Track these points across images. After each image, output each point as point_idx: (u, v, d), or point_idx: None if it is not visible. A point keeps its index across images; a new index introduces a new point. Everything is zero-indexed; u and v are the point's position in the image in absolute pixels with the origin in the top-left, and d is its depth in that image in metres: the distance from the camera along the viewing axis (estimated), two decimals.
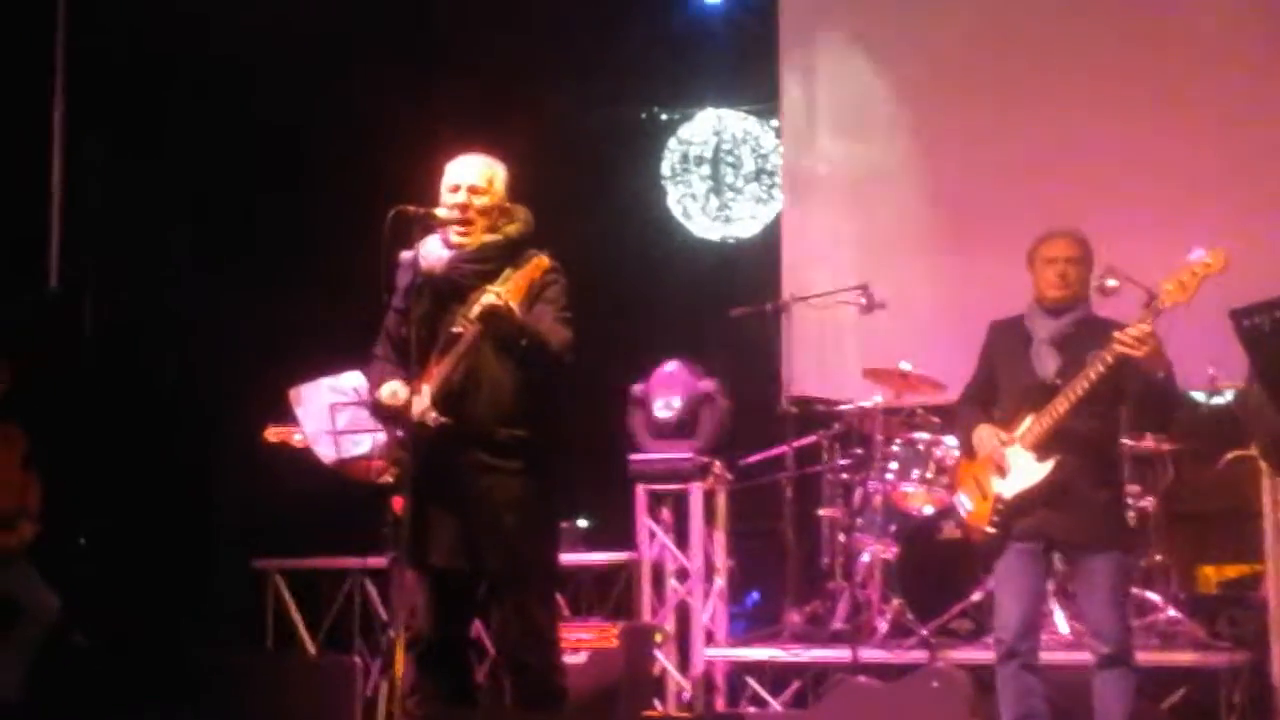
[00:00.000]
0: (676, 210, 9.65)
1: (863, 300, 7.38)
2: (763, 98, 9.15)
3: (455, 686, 5.05)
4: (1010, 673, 5.37)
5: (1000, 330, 5.60)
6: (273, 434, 6.95)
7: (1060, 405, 5.23)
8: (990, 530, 5.36)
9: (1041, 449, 5.28)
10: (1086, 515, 5.27)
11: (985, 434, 5.42)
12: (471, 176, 5.07)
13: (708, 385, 7.49)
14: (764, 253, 8.96)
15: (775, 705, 6.95)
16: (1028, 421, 5.31)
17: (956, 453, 6.93)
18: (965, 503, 5.52)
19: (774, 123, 9.19)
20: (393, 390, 4.89)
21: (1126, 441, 6.30)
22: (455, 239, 5.04)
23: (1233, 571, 7.21)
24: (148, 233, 8.45)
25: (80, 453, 7.94)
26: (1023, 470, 5.30)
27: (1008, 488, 5.33)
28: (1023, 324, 5.51)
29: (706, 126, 9.46)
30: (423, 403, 4.83)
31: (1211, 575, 7.36)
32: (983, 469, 5.43)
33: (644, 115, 9.43)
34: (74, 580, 7.56)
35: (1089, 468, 5.29)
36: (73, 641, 7.60)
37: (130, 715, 6.69)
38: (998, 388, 5.52)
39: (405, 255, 5.05)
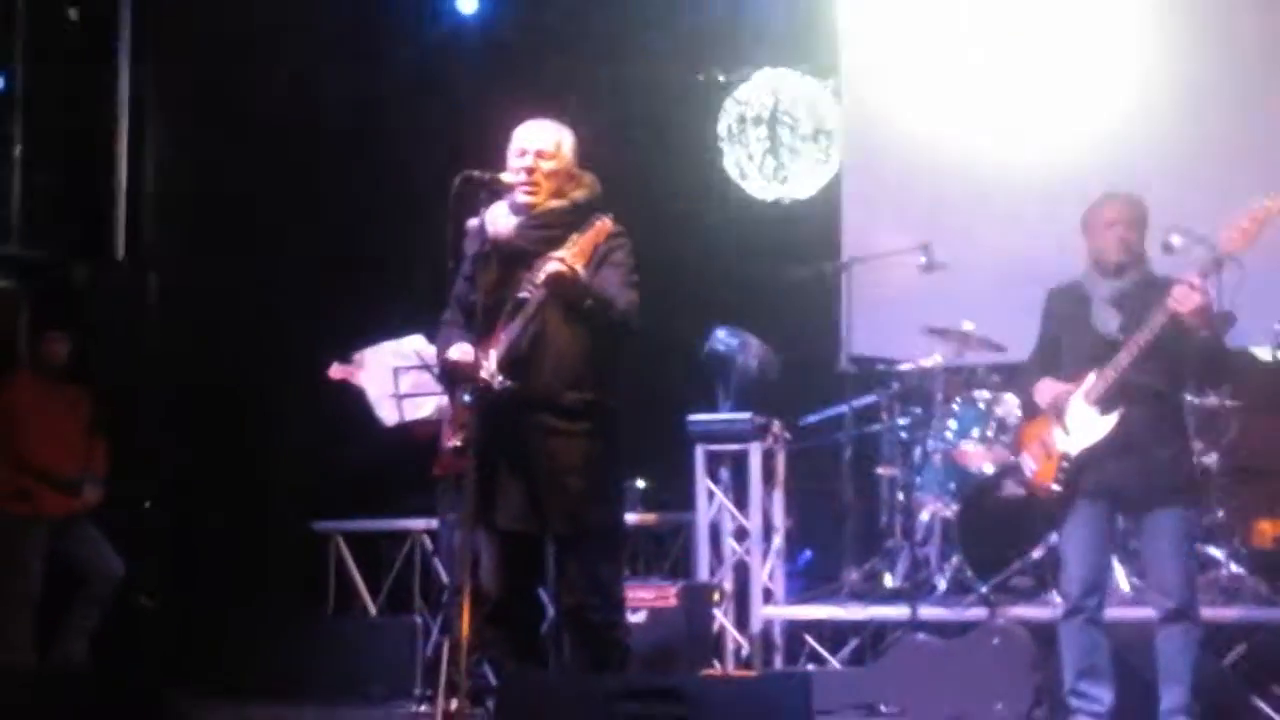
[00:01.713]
0: (733, 172, 9.62)
1: (923, 260, 7.37)
2: (821, 58, 9.11)
3: (522, 645, 5.08)
4: (1075, 628, 5.38)
5: (1059, 295, 5.59)
6: (337, 371, 7.01)
7: (1123, 359, 5.22)
8: (1056, 488, 5.37)
9: (1105, 404, 5.27)
10: (1151, 469, 5.27)
11: (1046, 386, 5.42)
12: (539, 141, 5.08)
13: (759, 347, 7.51)
14: (821, 214, 8.94)
15: (834, 663, 6.98)
16: (1091, 378, 5.30)
17: (1017, 411, 6.96)
18: (1030, 462, 5.52)
19: (831, 83, 9.14)
20: (461, 349, 4.93)
21: (1190, 398, 6.26)
22: (522, 202, 5.06)
23: None
24: (213, 204, 8.52)
25: (145, 419, 8.04)
26: (1087, 425, 5.30)
27: (1073, 444, 5.33)
28: (1081, 287, 5.50)
29: (764, 87, 9.42)
30: (489, 367, 4.86)
31: (1268, 530, 7.30)
32: (1045, 427, 5.42)
33: (701, 77, 9.39)
34: (139, 543, 7.65)
35: (1153, 422, 5.28)
36: (138, 604, 7.71)
37: (193, 678, 6.78)
38: (1060, 352, 5.51)
39: (472, 222, 5.07)
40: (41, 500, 7.13)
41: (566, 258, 4.83)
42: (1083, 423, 5.31)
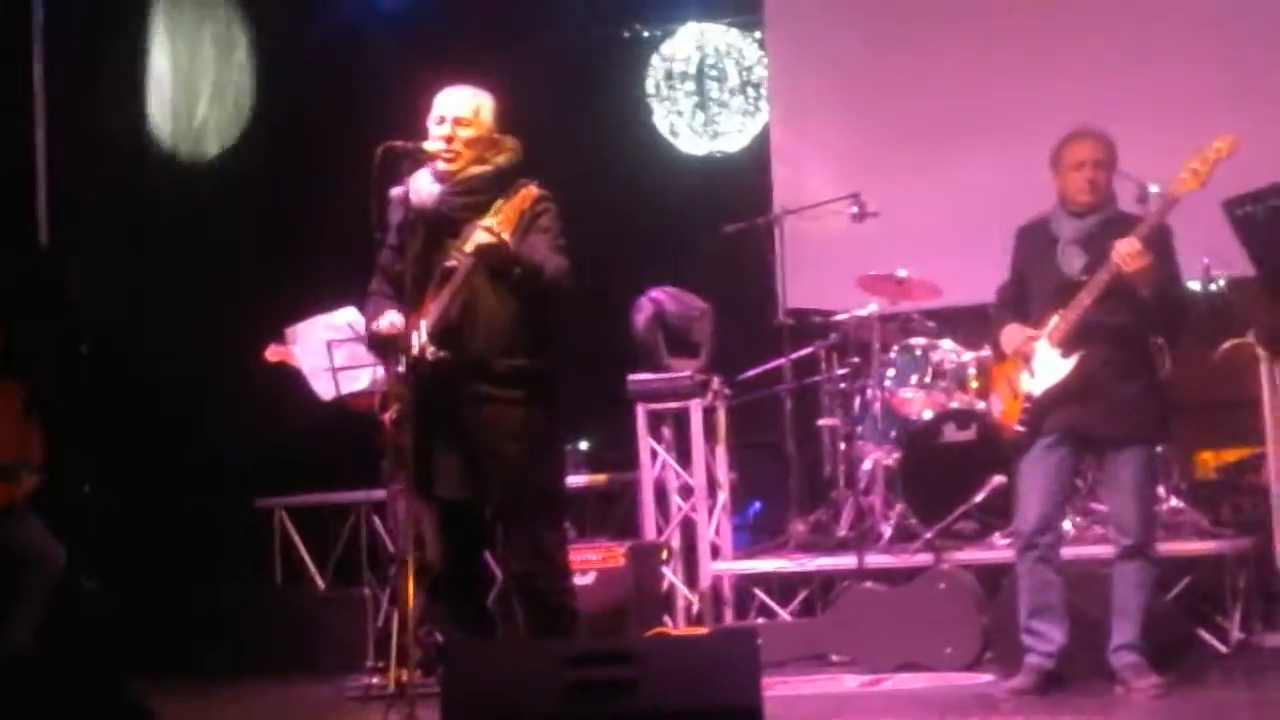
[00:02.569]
0: (663, 127, 9.59)
1: (854, 209, 7.38)
2: (745, 10, 9.08)
3: (468, 614, 5.09)
4: (1028, 566, 5.44)
5: (1026, 234, 5.60)
6: (272, 353, 6.97)
7: (1084, 299, 5.26)
8: (1020, 429, 5.41)
9: (1068, 344, 5.31)
10: (1114, 408, 5.32)
11: (1012, 332, 5.46)
12: (456, 108, 5.04)
13: (697, 304, 7.51)
14: (753, 166, 8.93)
15: (784, 615, 7.01)
16: (1054, 319, 5.33)
17: (954, 356, 7.01)
18: (996, 404, 5.57)
19: (757, 35, 9.11)
20: (390, 320, 4.90)
21: None
22: (444, 170, 5.02)
23: (1231, 456, 7.24)
24: (137, 187, 8.41)
25: (79, 403, 7.94)
26: (1050, 366, 5.34)
27: (1037, 385, 5.37)
28: (1048, 225, 5.52)
29: (689, 42, 9.38)
30: (420, 337, 4.83)
31: (1210, 460, 7.39)
32: (1013, 369, 5.46)
33: (626, 34, 9.34)
34: (80, 528, 7.57)
35: (1116, 361, 5.33)
36: (81, 587, 7.63)
37: (142, 659, 6.73)
38: (1028, 292, 5.52)
39: (396, 191, 5.05)
40: None
41: (493, 225, 4.79)
42: (1046, 364, 5.35)
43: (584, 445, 7.74)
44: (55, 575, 7.17)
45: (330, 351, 6.76)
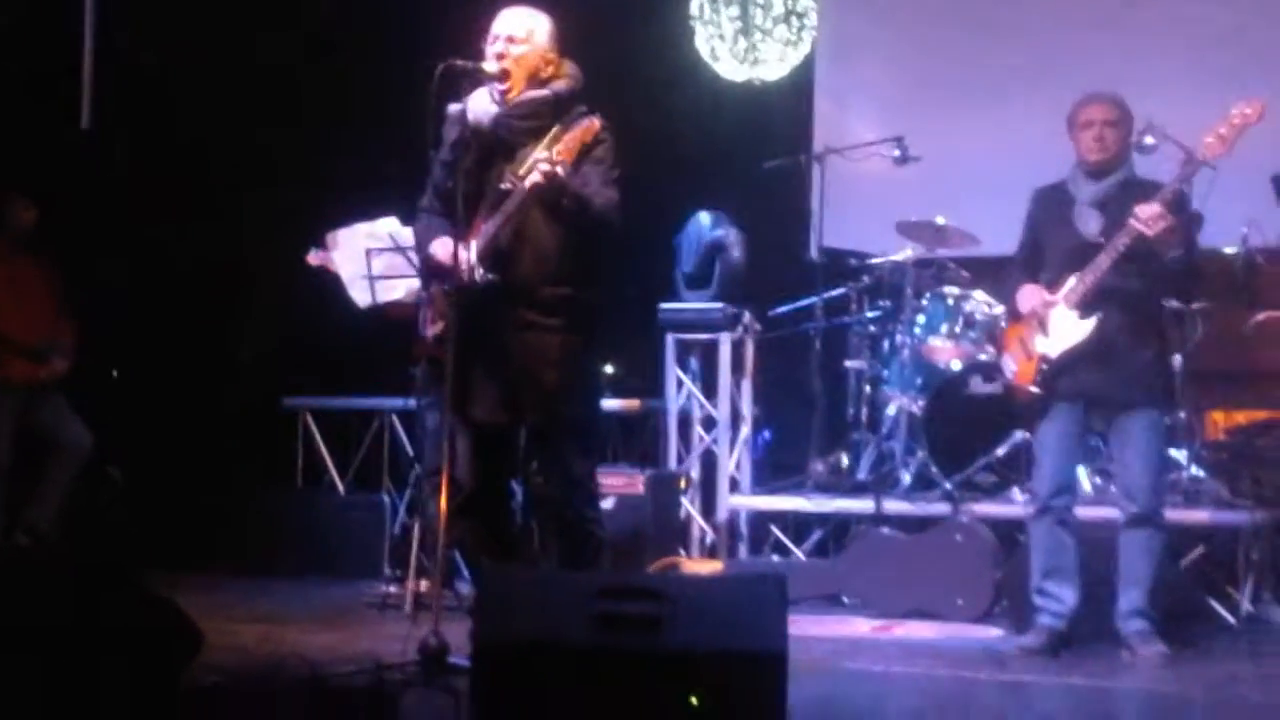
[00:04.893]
0: (704, 51, 9.52)
1: (897, 153, 7.37)
2: None
3: (495, 536, 5.13)
4: (1043, 528, 5.50)
5: (1043, 195, 5.63)
6: (314, 257, 6.99)
7: (1102, 262, 5.28)
8: (1035, 389, 5.45)
9: (1084, 307, 5.34)
10: (1128, 373, 5.35)
11: (1028, 292, 5.48)
12: (509, 27, 5.03)
13: (730, 235, 7.52)
14: (792, 98, 8.88)
15: (798, 553, 7.08)
16: (1071, 281, 5.35)
17: (986, 308, 7.02)
18: (1010, 363, 5.60)
19: None
20: (444, 245, 4.91)
21: None
22: (501, 91, 5.02)
23: (1241, 417, 7.28)
24: (184, 77, 8.38)
25: (113, 290, 7.98)
26: (1066, 328, 5.37)
27: (1052, 346, 5.40)
28: (1065, 188, 5.54)
29: None
30: (469, 259, 4.86)
31: (1219, 421, 7.42)
32: (1027, 329, 5.48)
33: None
34: (107, 416, 7.63)
35: (1132, 325, 5.36)
36: (106, 475, 7.71)
37: (161, 553, 6.81)
38: (1042, 253, 5.55)
39: (453, 108, 5.04)
40: (9, 369, 7.10)
41: (553, 155, 4.80)
42: (1062, 326, 5.38)
43: (609, 369, 7.78)
44: (81, 458, 7.26)
45: (369, 259, 6.78)
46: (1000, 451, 6.69)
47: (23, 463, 7.14)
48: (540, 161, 4.78)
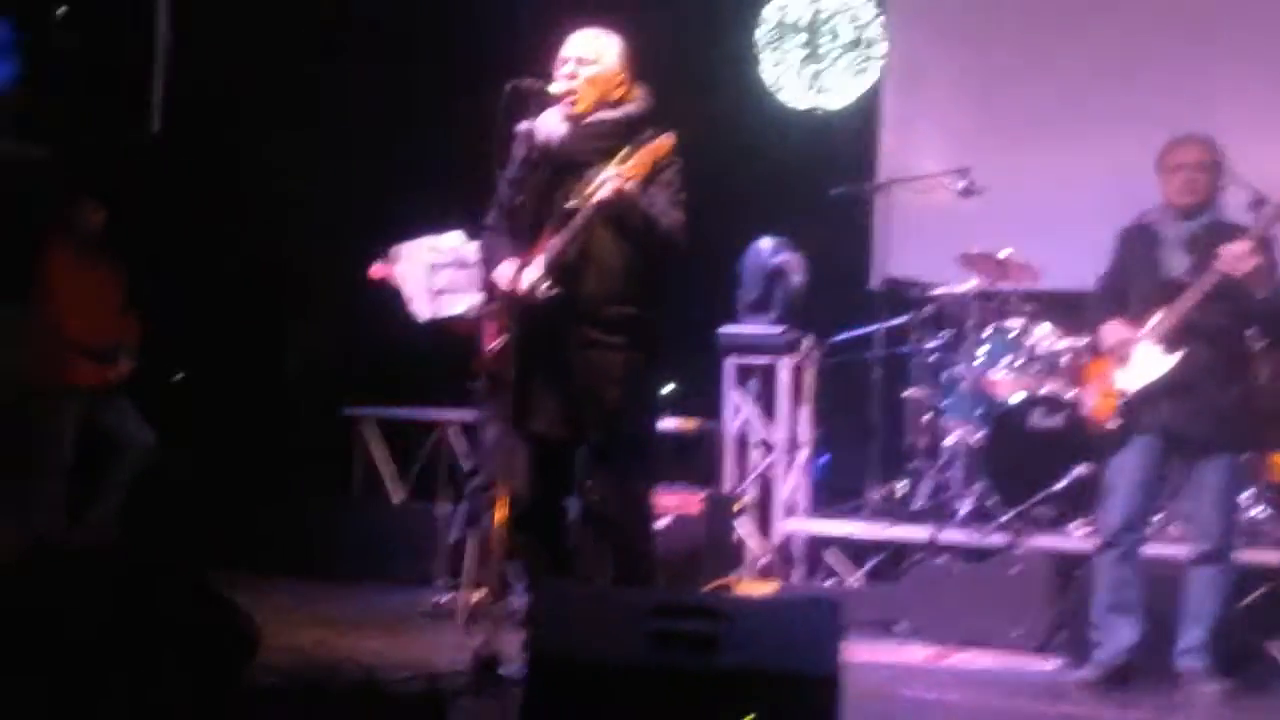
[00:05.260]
0: (769, 79, 9.55)
1: (962, 184, 7.35)
2: None
3: (550, 551, 5.15)
4: (1109, 561, 5.47)
5: (1130, 234, 5.62)
6: (377, 270, 7.04)
7: (1188, 299, 5.27)
8: (1111, 426, 5.42)
9: (1170, 342, 5.32)
10: (1210, 412, 5.33)
11: (1113, 328, 5.47)
12: (579, 50, 5.08)
13: (793, 261, 7.53)
14: (857, 126, 8.88)
15: (852, 579, 7.07)
16: (1158, 316, 5.34)
17: (1048, 342, 6.99)
18: (1088, 399, 5.57)
19: None
20: (504, 273, 4.95)
21: None
22: (568, 111, 5.05)
23: None
24: (254, 85, 8.47)
25: (178, 294, 8.06)
26: (1150, 362, 5.36)
27: (1133, 380, 5.38)
28: (1152, 227, 5.53)
29: None
30: (534, 274, 4.89)
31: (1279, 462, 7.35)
32: (1109, 365, 5.47)
33: None
34: (169, 416, 7.71)
35: (1215, 364, 5.34)
36: (168, 474, 7.76)
37: (218, 555, 6.86)
38: (1126, 291, 5.53)
39: (523, 126, 5.08)
40: (75, 370, 7.19)
41: (623, 173, 4.83)
42: (1146, 360, 5.36)
43: (669, 389, 7.78)
44: (143, 459, 7.33)
45: (432, 274, 6.83)
46: (1061, 485, 6.65)
47: (85, 461, 7.21)
48: (609, 178, 4.81)
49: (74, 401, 7.18)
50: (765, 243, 7.62)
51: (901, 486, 7.31)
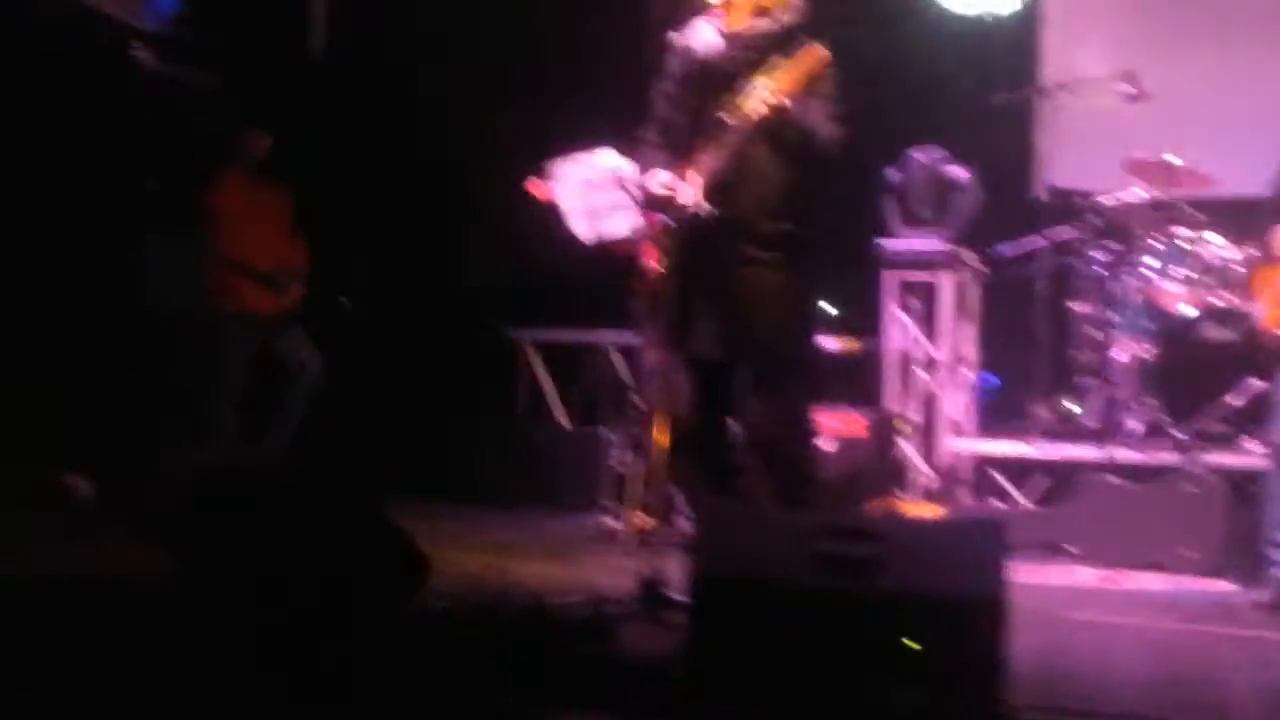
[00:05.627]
0: None
1: (1128, 89, 7.14)
2: None
3: (713, 473, 5.15)
4: None
5: None
6: (534, 187, 7.05)
7: None
8: None
9: None
10: None
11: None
12: None
13: (957, 173, 7.38)
14: (1018, 31, 8.64)
15: (1021, 500, 6.97)
16: None
17: (1222, 252, 6.78)
18: (1260, 308, 5.43)
19: None
20: (663, 181, 4.92)
21: None
22: (725, 22, 4.99)
23: None
24: (408, 8, 8.51)
25: (343, 218, 8.17)
26: None
27: None
28: None
29: None
30: (691, 191, 4.86)
31: None
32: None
33: None
34: (336, 341, 7.83)
35: None
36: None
37: (389, 475, 6.98)
38: None
39: (676, 39, 5.03)
40: (247, 296, 7.32)
41: (776, 85, 4.76)
42: None
43: (829, 309, 7.72)
44: (314, 384, 7.46)
45: (589, 192, 6.82)
46: (1234, 400, 6.48)
47: (259, 387, 7.36)
48: (763, 91, 4.74)
49: (247, 328, 7.31)
50: (927, 153, 7.47)
51: (1069, 404, 7.16)
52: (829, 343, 7.35)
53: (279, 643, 3.93)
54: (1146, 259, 6.96)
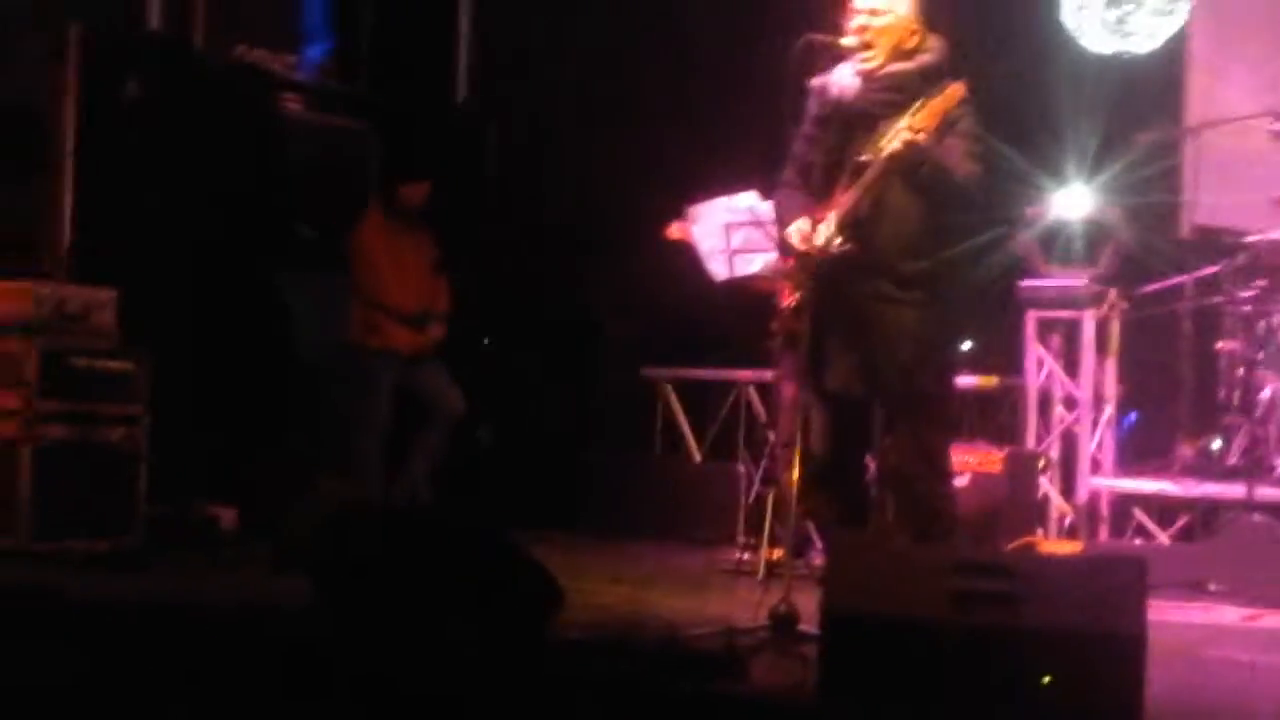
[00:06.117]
0: (1070, 23, 9.27)
1: (1277, 126, 7.03)
2: None
3: (847, 508, 5.15)
4: None
5: None
6: (675, 230, 7.13)
7: None
8: None
9: None
10: None
11: None
12: (870, 0, 5.02)
13: (1104, 212, 7.32)
14: (1163, 69, 8.55)
15: (1162, 538, 6.87)
16: None
17: None
18: None
19: None
20: (799, 230, 4.96)
21: None
22: (861, 64, 5.02)
23: None
24: (554, 54, 8.65)
25: (483, 260, 8.31)
26: None
27: None
28: None
29: None
30: (828, 230, 4.89)
31: None
32: None
33: None
34: (478, 380, 7.96)
35: None
36: (477, 438, 8.05)
37: (522, 511, 7.07)
38: None
39: (816, 82, 5.07)
40: (391, 335, 7.46)
41: (913, 123, 4.78)
42: None
43: (967, 346, 7.67)
44: (454, 422, 7.56)
45: (728, 234, 6.89)
46: None
47: (400, 424, 7.50)
48: (901, 130, 4.76)
49: (390, 365, 7.45)
50: (1074, 192, 7.41)
51: (1213, 442, 7.04)
52: (967, 379, 7.31)
53: (417, 673, 4.01)
54: None
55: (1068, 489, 7.14)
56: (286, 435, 7.58)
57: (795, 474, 4.92)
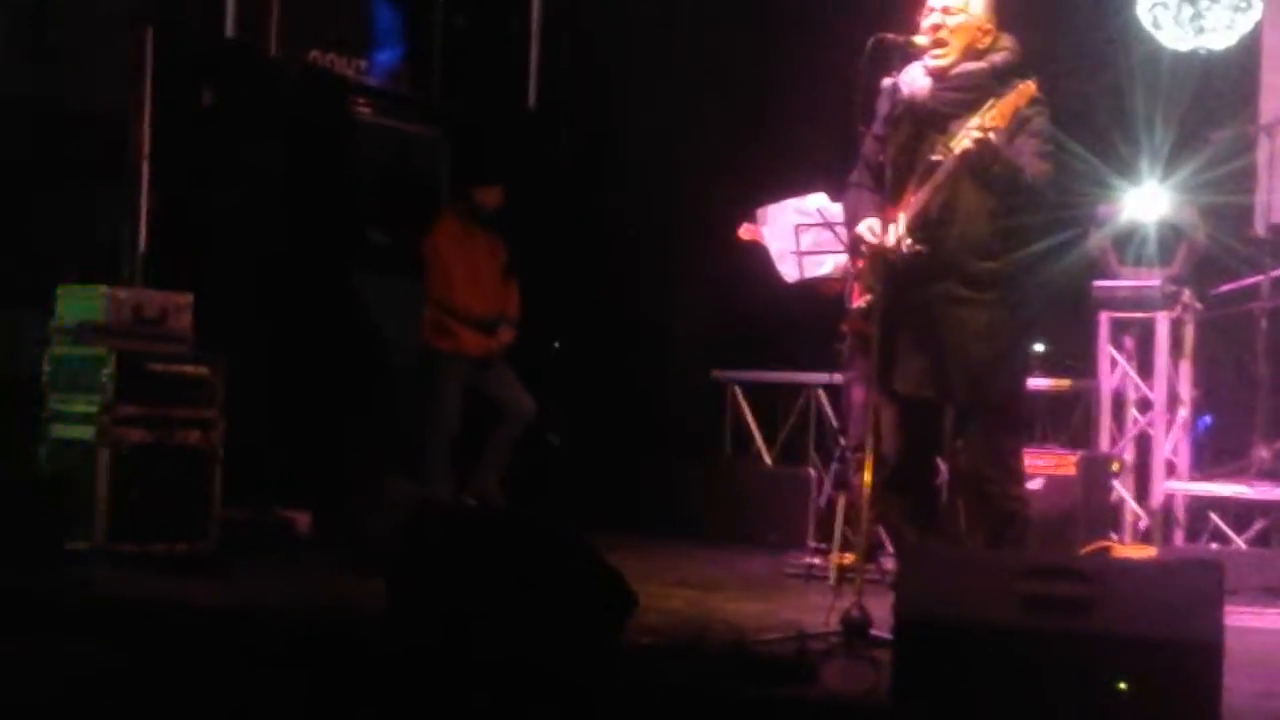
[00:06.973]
0: (1146, 20, 9.18)
1: None
2: None
3: (918, 512, 5.13)
4: None
5: None
6: (745, 231, 7.12)
7: None
8: None
9: None
10: None
11: None
12: None
13: (1180, 212, 7.24)
14: (1238, 68, 8.45)
15: (1239, 542, 6.79)
16: None
17: None
18: None
19: None
20: (870, 227, 4.94)
21: None
22: (933, 63, 5.00)
23: None
24: (623, 59, 8.67)
25: (552, 265, 8.33)
26: None
27: None
28: None
29: None
30: (898, 230, 4.87)
31: None
32: None
33: None
34: (547, 384, 7.99)
35: None
36: (547, 441, 8.08)
37: (593, 509, 7.09)
38: None
39: (886, 82, 5.04)
40: (462, 338, 7.50)
41: (984, 122, 4.75)
42: None
43: (1040, 348, 7.62)
44: (523, 425, 7.60)
45: (797, 235, 6.87)
46: None
47: (471, 427, 7.54)
48: (972, 129, 4.74)
49: (461, 368, 7.49)
50: (1151, 191, 7.34)
51: None
52: (1039, 381, 7.26)
53: (489, 676, 4.03)
54: None
55: (1142, 493, 7.07)
56: (361, 439, 7.64)
57: (867, 477, 4.90)
